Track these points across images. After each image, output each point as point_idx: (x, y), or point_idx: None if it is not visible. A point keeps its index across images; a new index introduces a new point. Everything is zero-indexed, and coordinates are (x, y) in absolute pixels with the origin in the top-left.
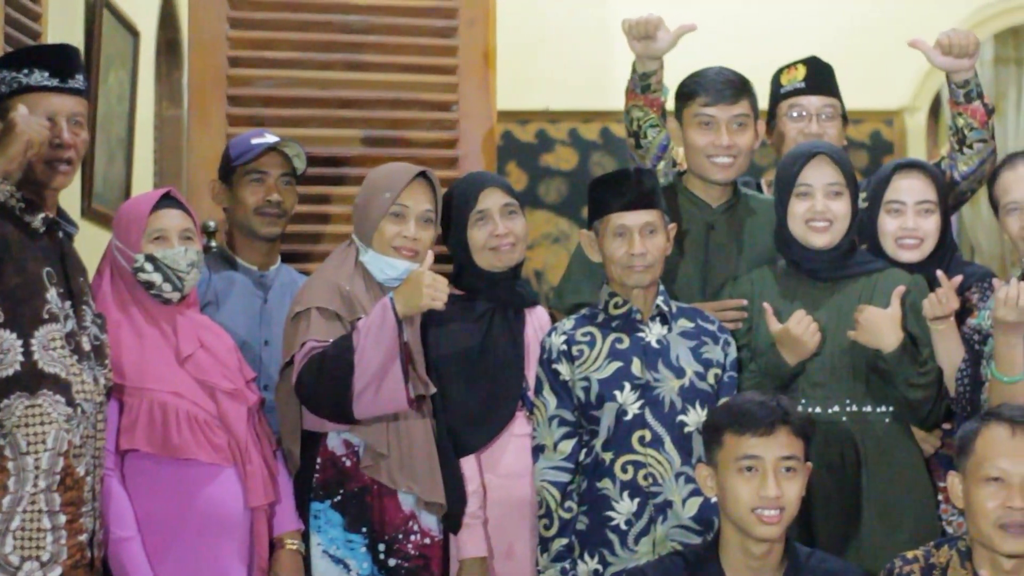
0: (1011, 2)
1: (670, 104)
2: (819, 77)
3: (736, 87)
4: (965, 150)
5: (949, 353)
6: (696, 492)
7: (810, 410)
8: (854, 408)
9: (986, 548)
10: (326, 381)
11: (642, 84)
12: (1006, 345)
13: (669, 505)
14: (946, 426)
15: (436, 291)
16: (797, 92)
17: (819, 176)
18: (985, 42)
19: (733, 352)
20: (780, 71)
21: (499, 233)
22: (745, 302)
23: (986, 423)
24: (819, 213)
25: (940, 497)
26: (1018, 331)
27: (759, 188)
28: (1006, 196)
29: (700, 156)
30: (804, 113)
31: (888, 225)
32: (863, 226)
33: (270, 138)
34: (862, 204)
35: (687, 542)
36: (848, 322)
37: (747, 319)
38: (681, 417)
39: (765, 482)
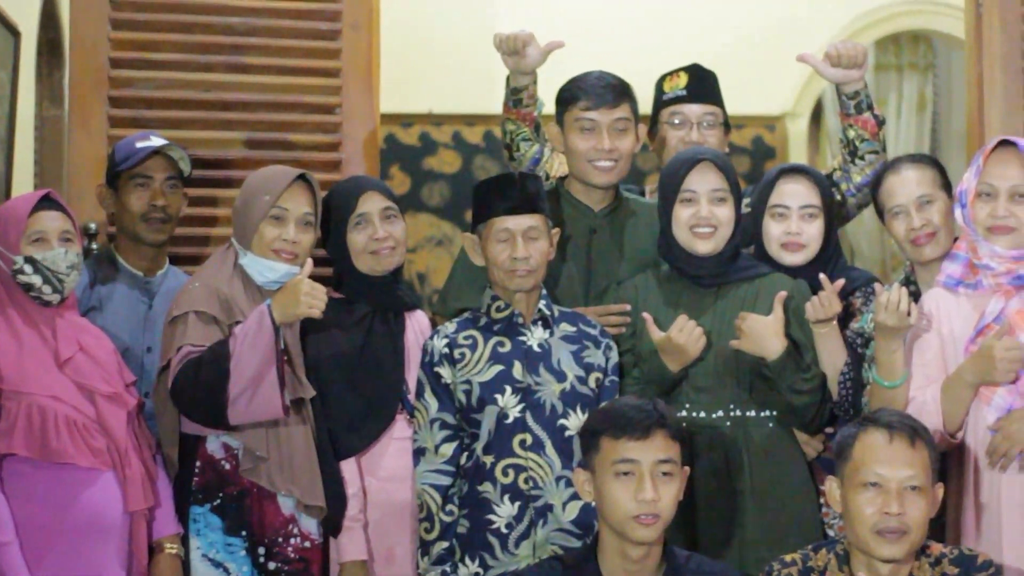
0: (891, 10)
1: (548, 109)
2: (701, 85)
3: (617, 91)
4: (857, 161)
5: (832, 357)
6: (577, 496)
7: (694, 415)
8: (738, 413)
9: (863, 552)
10: (201, 387)
11: (514, 99)
12: (887, 350)
13: (549, 509)
14: (828, 430)
15: (314, 299)
16: (678, 100)
17: (703, 182)
18: (866, 48)
19: (615, 356)
20: (663, 78)
21: (378, 237)
22: (628, 307)
23: (864, 429)
24: (703, 219)
25: (822, 500)
26: (899, 336)
27: (643, 195)
28: (891, 200)
29: (581, 160)
30: (685, 121)
31: (773, 229)
32: (748, 230)
33: (155, 141)
34: (745, 210)
35: (567, 546)
36: (732, 327)
37: (631, 324)
38: (562, 421)
39: (642, 485)
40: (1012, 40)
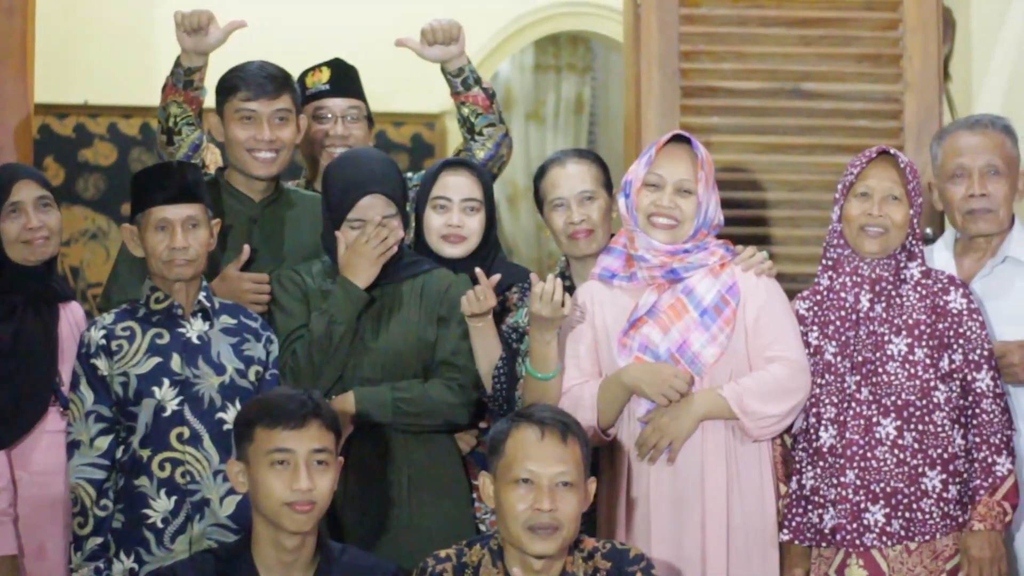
0: (550, 11)
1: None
2: (343, 79)
3: (278, 82)
4: (477, 137)
5: (487, 351)
6: (234, 491)
7: None
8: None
9: (516, 548)
10: None
11: (185, 79)
12: (540, 341)
13: (206, 503)
14: (482, 425)
15: None
16: (322, 94)
17: (371, 211)
18: (525, 49)
19: (275, 350)
20: (305, 73)
21: (32, 226)
22: (267, 276)
23: (516, 425)
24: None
25: (475, 495)
26: (552, 327)
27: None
28: (554, 191)
29: (241, 150)
30: (330, 115)
31: (434, 221)
32: (413, 222)
33: None
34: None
35: (224, 541)
36: (397, 322)
37: (301, 305)
38: (221, 414)
39: (297, 475)
40: (669, 41)
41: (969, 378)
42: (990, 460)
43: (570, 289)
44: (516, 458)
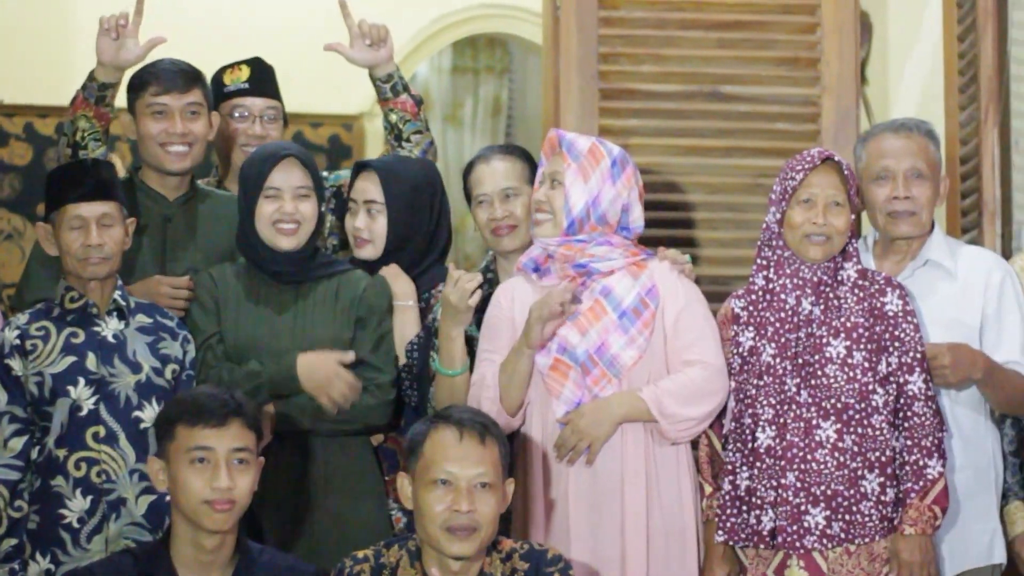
0: (468, 13)
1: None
2: (262, 78)
3: (188, 76)
4: (404, 144)
5: (404, 335)
6: (150, 490)
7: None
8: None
9: (434, 549)
10: None
11: (98, 95)
12: (446, 336)
13: (123, 503)
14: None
15: None
16: (240, 93)
17: (287, 179)
18: (443, 51)
19: (192, 350)
20: (222, 71)
21: None
22: (185, 280)
23: (435, 426)
24: (288, 215)
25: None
26: (458, 322)
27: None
28: (478, 188)
29: (153, 145)
30: (247, 114)
31: (348, 223)
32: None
33: None
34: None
35: (141, 540)
36: (313, 324)
37: (213, 312)
38: (137, 413)
39: (217, 473)
40: (588, 43)
41: (902, 380)
42: (921, 463)
43: (494, 284)
44: (435, 459)
